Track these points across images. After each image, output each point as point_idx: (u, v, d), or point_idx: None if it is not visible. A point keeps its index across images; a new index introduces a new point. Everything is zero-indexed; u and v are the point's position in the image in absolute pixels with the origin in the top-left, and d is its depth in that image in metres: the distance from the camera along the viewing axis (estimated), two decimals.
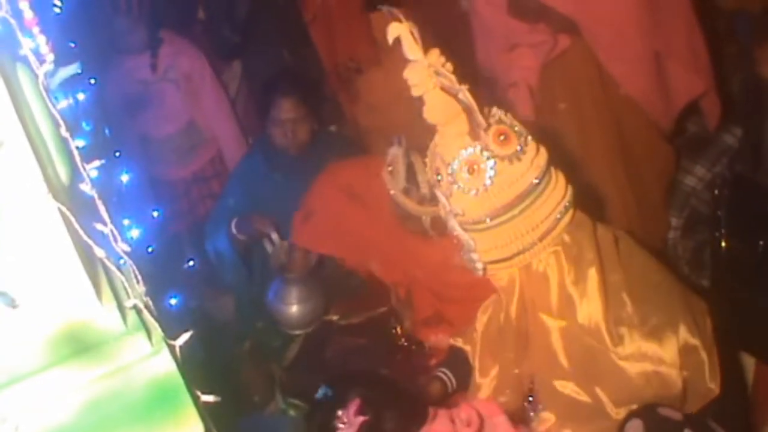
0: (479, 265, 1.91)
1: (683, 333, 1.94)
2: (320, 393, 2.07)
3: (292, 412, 3.07)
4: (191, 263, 3.80)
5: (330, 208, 3.04)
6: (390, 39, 1.72)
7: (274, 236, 3.30)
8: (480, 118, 1.78)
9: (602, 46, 2.92)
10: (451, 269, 2.78)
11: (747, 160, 3.11)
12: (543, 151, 1.85)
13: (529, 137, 1.84)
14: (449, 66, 1.76)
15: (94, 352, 1.21)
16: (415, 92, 1.77)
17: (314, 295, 3.25)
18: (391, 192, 2.66)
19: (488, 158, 1.79)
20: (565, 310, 1.93)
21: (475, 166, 1.80)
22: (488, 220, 1.83)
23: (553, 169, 1.87)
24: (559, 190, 1.86)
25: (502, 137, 1.80)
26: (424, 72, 1.73)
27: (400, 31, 1.71)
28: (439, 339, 2.94)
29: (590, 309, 1.91)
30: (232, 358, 3.27)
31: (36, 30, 1.47)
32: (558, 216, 1.85)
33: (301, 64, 4.33)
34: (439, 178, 1.88)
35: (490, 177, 1.79)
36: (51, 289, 1.20)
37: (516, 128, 1.83)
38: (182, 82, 4.14)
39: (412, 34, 1.71)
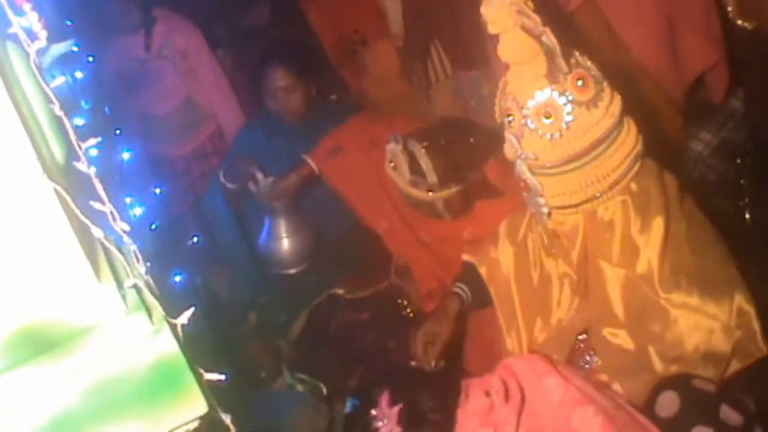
0: (545, 210, 1.89)
1: (739, 296, 1.90)
2: (348, 406, 2.04)
3: (299, 387, 3.07)
4: (195, 240, 3.79)
5: (359, 151, 3.06)
6: None
7: (259, 175, 3.28)
8: (562, 63, 1.74)
9: (615, 8, 2.87)
10: (457, 244, 2.77)
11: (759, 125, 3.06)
12: (617, 98, 1.81)
13: (605, 83, 1.80)
14: (531, 3, 1.71)
15: (94, 334, 1.20)
16: (492, 30, 1.73)
17: (303, 227, 3.35)
18: (400, 186, 2.63)
19: (566, 103, 1.75)
20: (627, 259, 1.91)
21: (552, 110, 1.76)
22: (560, 165, 1.80)
23: (625, 118, 1.84)
24: (630, 139, 1.83)
25: (580, 82, 1.76)
26: (504, 10, 1.68)
27: None
28: None
29: (650, 256, 1.89)
30: (237, 335, 3.27)
31: (28, 7, 1.44)
32: (628, 166, 1.82)
33: (294, 38, 4.31)
34: (511, 119, 1.84)
35: (566, 122, 1.76)
36: (49, 270, 1.18)
37: (593, 73, 1.79)
38: (178, 60, 4.11)
39: None
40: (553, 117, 1.76)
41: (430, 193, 2.61)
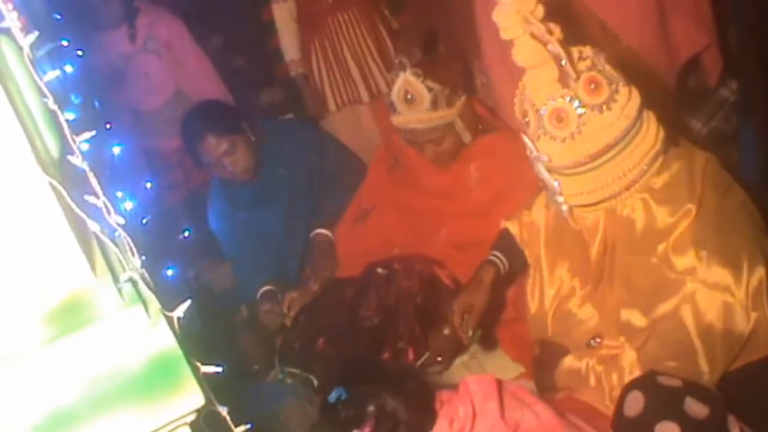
0: (564, 207, 1.92)
1: (760, 273, 1.90)
2: (333, 396, 2.03)
3: (289, 381, 3.07)
4: (186, 234, 3.77)
5: (384, 202, 3.17)
6: None
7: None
8: (570, 69, 1.76)
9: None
10: (466, 191, 2.92)
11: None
12: (635, 96, 1.82)
13: (621, 83, 1.81)
14: (540, 10, 1.73)
15: (91, 328, 1.20)
16: (504, 35, 1.76)
17: None
18: (416, 119, 2.75)
19: (577, 107, 1.78)
20: (648, 247, 1.94)
21: (563, 115, 1.78)
22: (574, 167, 1.83)
23: (645, 113, 1.84)
24: (649, 138, 1.84)
25: (592, 86, 1.78)
26: (513, 17, 1.71)
27: None
28: None
29: (675, 238, 1.91)
30: (230, 328, 3.26)
31: (10, 6, 1.43)
32: (645, 166, 1.84)
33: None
34: (527, 120, 1.87)
35: (578, 126, 1.78)
36: (45, 264, 1.18)
37: (608, 74, 1.81)
38: (164, 51, 4.08)
39: None
40: (565, 121, 1.78)
41: (452, 109, 2.74)
